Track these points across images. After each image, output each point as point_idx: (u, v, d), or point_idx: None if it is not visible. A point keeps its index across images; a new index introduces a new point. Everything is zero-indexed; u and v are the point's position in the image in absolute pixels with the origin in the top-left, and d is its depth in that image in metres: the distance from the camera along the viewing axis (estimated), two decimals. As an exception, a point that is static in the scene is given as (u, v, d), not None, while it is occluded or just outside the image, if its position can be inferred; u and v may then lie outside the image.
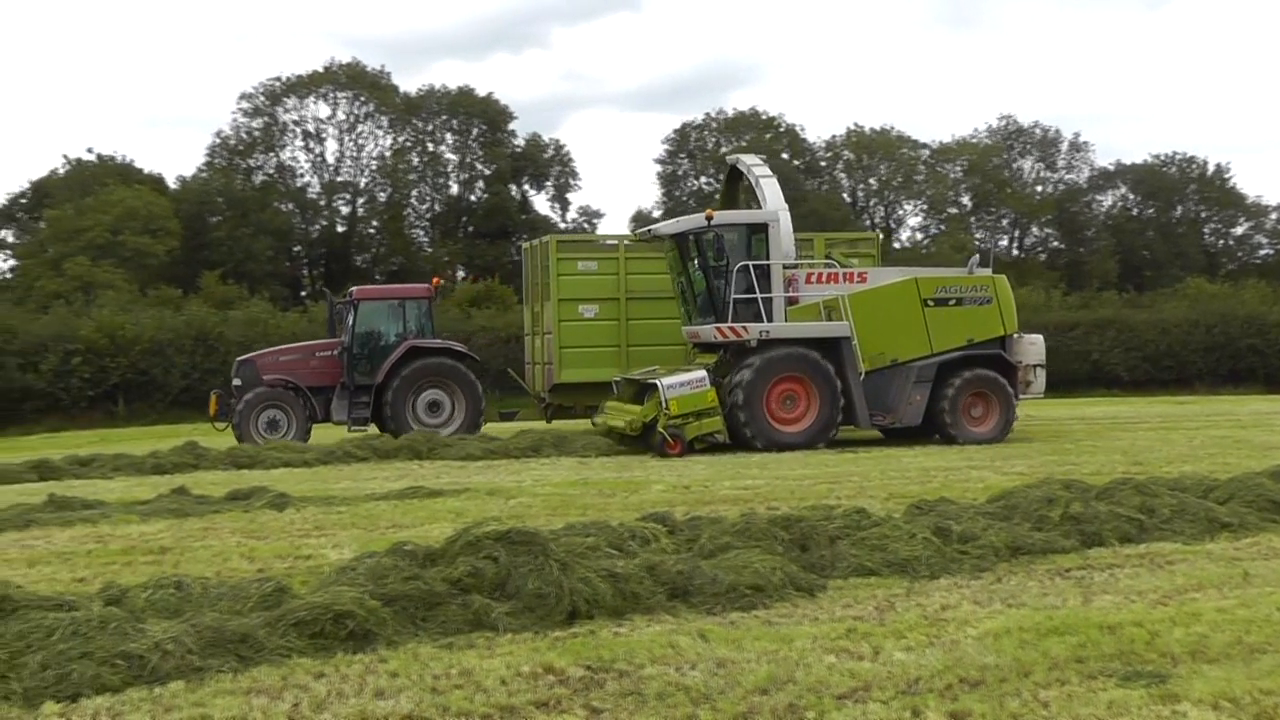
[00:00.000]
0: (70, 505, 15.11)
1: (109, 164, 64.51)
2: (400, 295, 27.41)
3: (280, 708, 6.49)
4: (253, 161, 69.20)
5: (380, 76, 70.02)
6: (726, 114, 73.21)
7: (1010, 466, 17.88)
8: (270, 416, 25.26)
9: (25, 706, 6.60)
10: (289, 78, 69.00)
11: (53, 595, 8.39)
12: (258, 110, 68.88)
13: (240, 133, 68.86)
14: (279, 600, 8.07)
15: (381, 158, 69.57)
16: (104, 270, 50.47)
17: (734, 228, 23.30)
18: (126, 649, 7.10)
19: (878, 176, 74.51)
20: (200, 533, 12.84)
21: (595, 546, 9.60)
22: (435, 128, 71.23)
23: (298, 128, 69.48)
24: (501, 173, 70.01)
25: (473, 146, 71.35)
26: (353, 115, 69.48)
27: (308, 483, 17.40)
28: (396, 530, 12.40)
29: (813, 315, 22.81)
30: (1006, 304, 23.45)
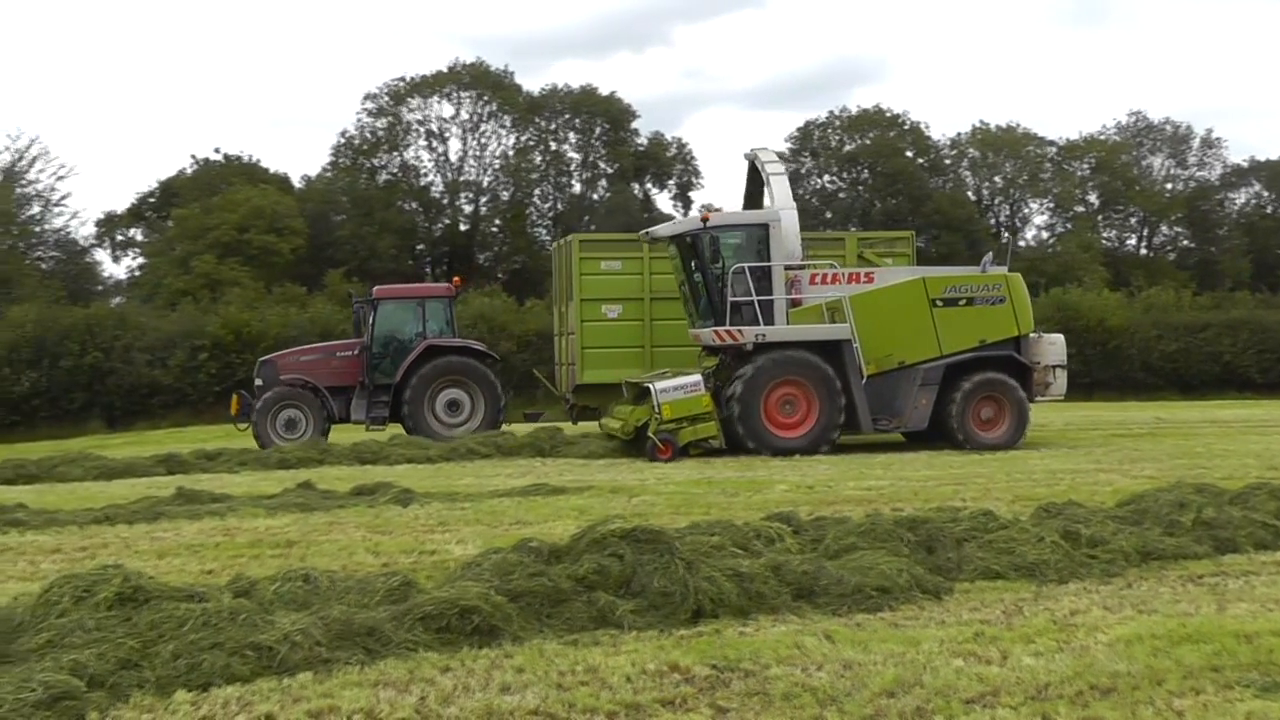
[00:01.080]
0: (198, 499, 15.39)
1: (235, 164, 65.64)
2: (420, 295, 27.59)
3: (407, 701, 6.53)
4: (377, 161, 69.96)
5: (503, 76, 70.46)
6: (850, 112, 72.61)
7: (1139, 470, 17.52)
8: (288, 416, 25.42)
9: (158, 694, 6.71)
10: (413, 78, 69.71)
11: (183, 586, 8.52)
12: (382, 110, 69.65)
13: (365, 132, 69.68)
14: (405, 594, 8.14)
15: (504, 156, 70.01)
16: (230, 268, 51.36)
17: (731, 229, 22.88)
18: (256, 640, 7.20)
19: (1003, 174, 73.43)
20: (326, 527, 13.00)
21: (720, 546, 9.56)
22: (558, 127, 71.54)
23: (421, 127, 70.15)
24: (624, 171, 70.17)
25: (595, 145, 71.60)
26: (476, 115, 70.01)
27: (431, 479, 17.54)
28: (520, 527, 12.45)
29: (815, 317, 22.21)
30: (1021, 303, 22.61)
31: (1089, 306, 47.27)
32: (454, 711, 6.37)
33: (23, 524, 13.82)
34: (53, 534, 13.19)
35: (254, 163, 66.50)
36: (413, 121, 70.06)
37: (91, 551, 11.93)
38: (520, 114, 70.31)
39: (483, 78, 69.73)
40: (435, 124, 70.09)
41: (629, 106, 71.93)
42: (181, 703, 6.58)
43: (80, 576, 8.33)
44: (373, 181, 68.32)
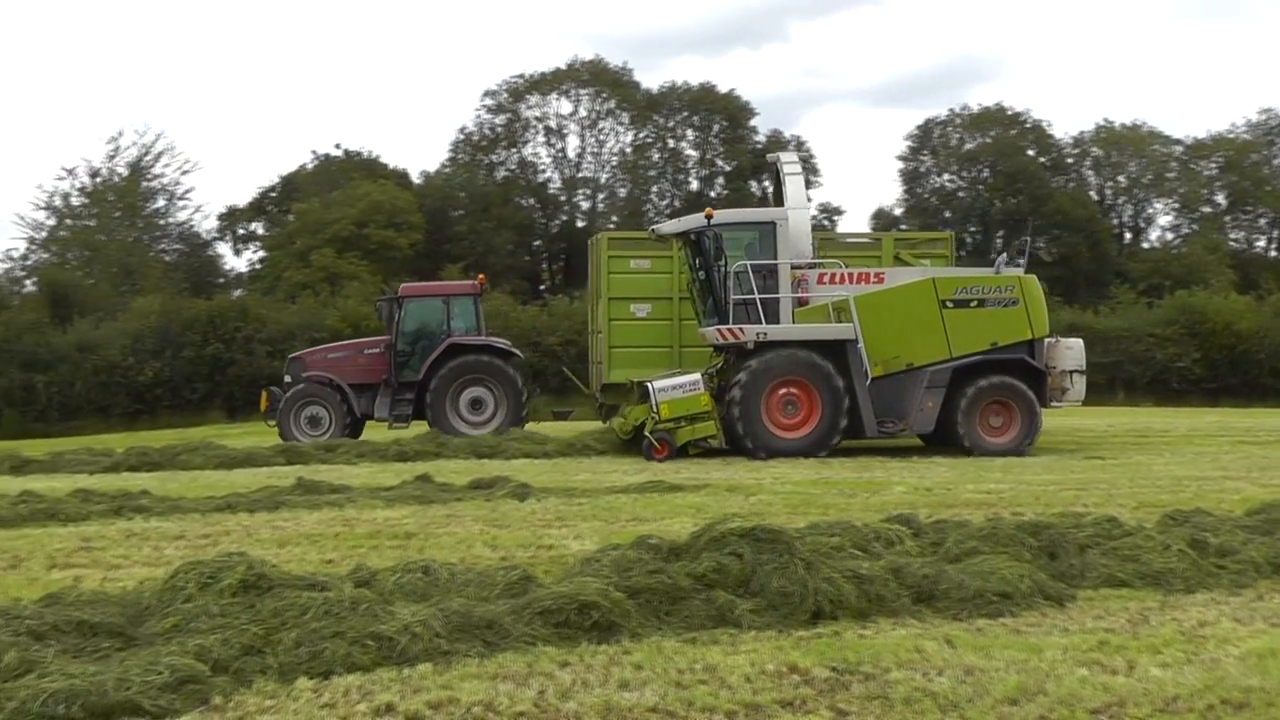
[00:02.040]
0: (318, 489, 15.62)
1: (355, 159, 66.41)
2: (446, 292, 27.60)
3: (526, 694, 6.54)
4: (495, 157, 70.46)
5: (622, 73, 70.64)
6: (970, 109, 71.85)
7: (1269, 478, 17.05)
8: (311, 413, 25.75)
9: (280, 681, 6.78)
10: (532, 75, 70.15)
11: (305, 575, 8.63)
12: (501, 107, 70.13)
13: (484, 129, 70.21)
14: (525, 588, 8.17)
15: (622, 153, 70.21)
16: (349, 262, 51.96)
17: (736, 227, 22.65)
18: (377, 630, 7.25)
19: (1127, 174, 72.19)
20: (444, 520, 13.09)
21: (840, 547, 9.49)
22: (676, 124, 71.54)
23: (540, 124, 70.55)
24: (742, 169, 69.96)
25: (713, 143, 71.47)
26: (594, 111, 70.26)
27: (548, 474, 17.63)
28: (637, 524, 12.45)
29: (821, 317, 21.83)
30: (1035, 305, 21.92)
31: (1215, 310, 46.36)
32: (573, 706, 6.37)
33: (147, 510, 14.14)
34: (176, 521, 13.46)
35: (374, 158, 67.26)
36: (531, 118, 70.49)
37: (214, 539, 12.14)
38: (638, 111, 70.43)
39: (601, 75, 69.97)
40: (554, 121, 70.49)
41: (747, 104, 71.77)
42: (303, 690, 6.64)
43: (205, 563, 8.48)
44: (491, 178, 68.79)
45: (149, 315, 42.58)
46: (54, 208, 58.50)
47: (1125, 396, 43.38)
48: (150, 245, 59.57)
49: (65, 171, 66.12)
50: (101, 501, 14.77)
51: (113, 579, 10.03)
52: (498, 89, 70.43)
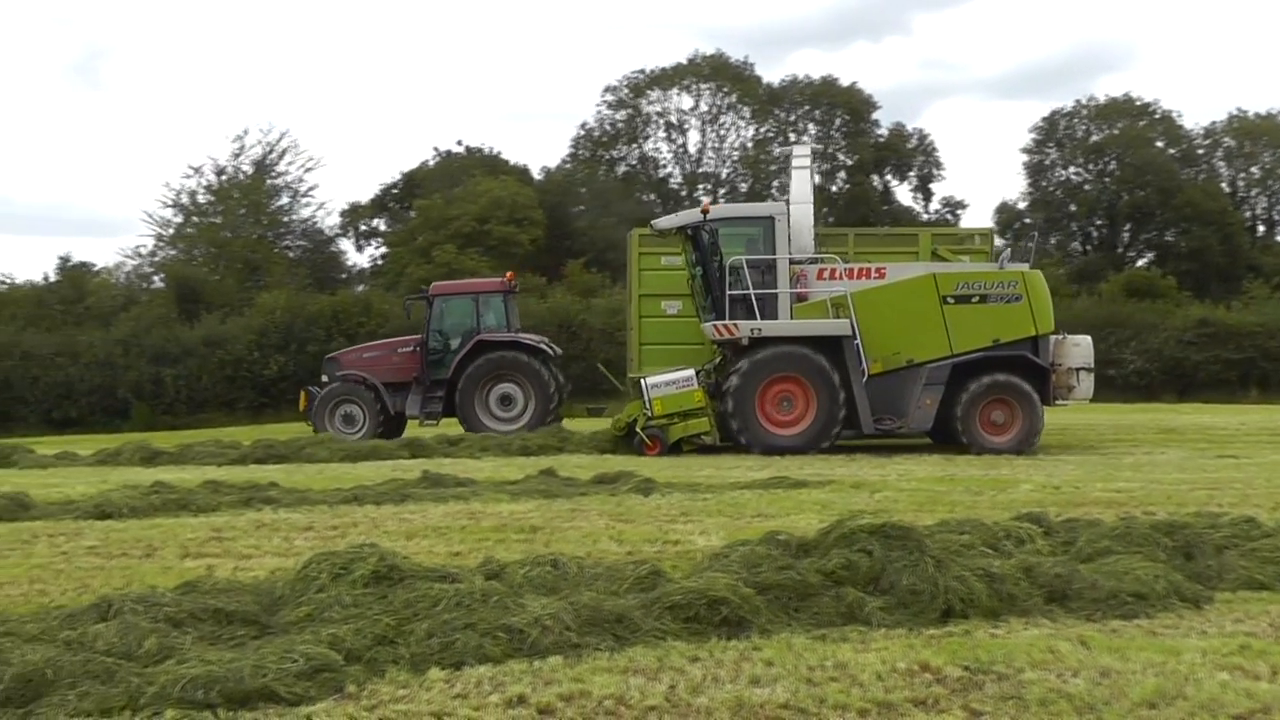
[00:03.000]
0: (443, 482, 15.74)
1: (477, 155, 66.97)
2: (475, 290, 27.71)
3: (657, 688, 6.53)
4: (616, 153, 70.73)
5: (743, 68, 70.57)
6: (1097, 100, 70.66)
7: None
8: (345, 412, 26.07)
9: (412, 671, 6.83)
10: (653, 70, 70.34)
11: (435, 567, 8.70)
12: (622, 103, 70.41)
13: (604, 125, 70.50)
14: (654, 583, 8.16)
15: (743, 148, 70.10)
16: (470, 258, 52.32)
17: (733, 222, 22.41)
18: (507, 622, 7.29)
19: (1261, 165, 70.60)
20: (569, 514, 13.13)
21: (970, 545, 9.37)
22: (798, 118, 71.31)
23: (661, 119, 70.73)
24: (863, 163, 69.60)
25: (835, 136, 71.12)
26: (715, 106, 70.30)
27: (672, 469, 17.62)
28: (763, 519, 12.39)
29: (820, 312, 21.52)
30: (1039, 302, 21.52)
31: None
32: (704, 701, 6.34)
33: (275, 502, 14.36)
34: (304, 512, 13.64)
35: (495, 155, 67.80)
36: (652, 113, 70.71)
37: (342, 530, 12.28)
38: (759, 105, 70.33)
39: (722, 69, 69.96)
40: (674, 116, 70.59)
41: (869, 97, 71.46)
42: (435, 680, 6.69)
43: (337, 554, 8.59)
44: (611, 173, 69.10)
45: (274, 311, 43.25)
46: (181, 205, 59.64)
47: (1259, 393, 42.39)
48: (275, 242, 60.49)
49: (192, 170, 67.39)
50: (231, 493, 15.03)
51: (244, 568, 10.19)
52: (619, 85, 70.83)
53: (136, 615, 7.47)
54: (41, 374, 42.17)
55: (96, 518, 13.41)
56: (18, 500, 14.31)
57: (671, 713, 6.22)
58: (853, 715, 6.21)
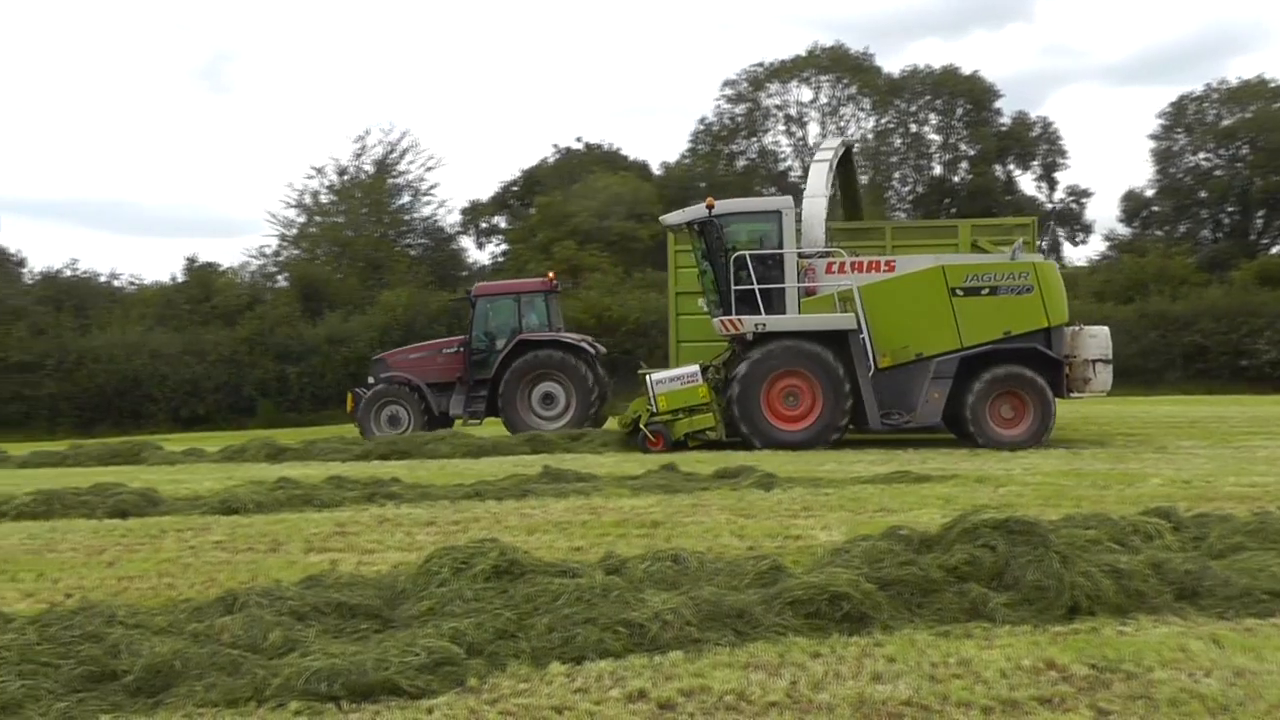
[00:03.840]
0: (564, 478, 15.80)
1: (596, 152, 67.16)
2: (517, 290, 27.98)
3: (778, 684, 6.48)
4: (735, 147, 70.51)
5: (863, 59, 70.03)
6: (1229, 83, 68.92)
7: None
8: (390, 413, 26.52)
9: (533, 665, 6.85)
10: (771, 63, 70.00)
11: (556, 562, 8.73)
12: (741, 96, 70.23)
13: (723, 119, 70.31)
14: (775, 578, 8.11)
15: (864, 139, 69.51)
16: (590, 254, 52.47)
17: (739, 217, 22.20)
18: (628, 617, 7.29)
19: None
20: (690, 509, 13.09)
21: (1096, 540, 9.16)
22: (918, 108, 70.59)
23: (780, 112, 70.41)
24: (986, 153, 68.69)
25: (956, 126, 70.31)
26: (835, 98, 69.88)
27: (793, 464, 17.51)
28: (885, 514, 12.26)
29: (828, 306, 21.33)
30: (1052, 293, 21.06)
31: None
32: (825, 698, 6.28)
33: (398, 497, 14.51)
34: (426, 507, 13.76)
35: (614, 151, 67.97)
36: (771, 106, 70.41)
37: (464, 525, 12.36)
38: (879, 96, 69.76)
39: (841, 60, 69.52)
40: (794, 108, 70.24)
41: (991, 86, 70.44)
42: (556, 674, 6.70)
43: (459, 549, 8.66)
44: (731, 167, 68.90)
45: (395, 308, 43.76)
46: (304, 205, 60.50)
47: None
48: (396, 240, 61.08)
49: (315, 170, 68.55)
50: (354, 488, 15.22)
51: (367, 563, 10.29)
52: (737, 78, 70.66)
53: (261, 609, 7.59)
54: (169, 372, 43.13)
55: (223, 513, 13.67)
56: (147, 496, 14.65)
57: (793, 709, 6.16)
58: (976, 713, 6.10)
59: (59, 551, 11.57)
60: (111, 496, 14.60)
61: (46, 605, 8.57)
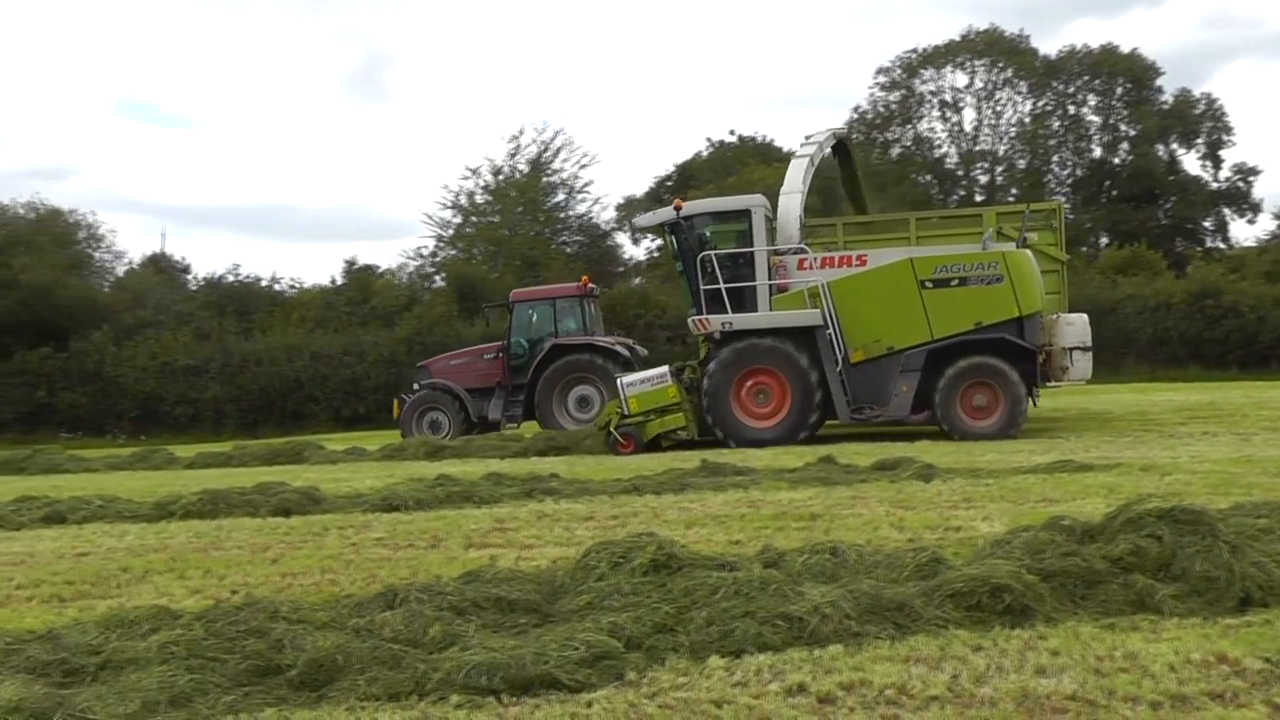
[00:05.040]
0: (722, 471, 15.82)
1: (750, 144, 66.99)
2: (552, 295, 28.60)
3: (939, 678, 6.37)
4: (889, 134, 69.87)
5: (1018, 41, 68.93)
6: None
7: None
8: (432, 418, 27.17)
9: (692, 659, 6.83)
10: (925, 49, 69.28)
11: (713, 556, 8.70)
12: (894, 83, 69.64)
13: (877, 107, 69.71)
14: (934, 570, 7.99)
15: (1020, 123, 68.49)
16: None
17: (706, 217, 22.48)
18: (786, 610, 7.23)
19: None
20: (849, 501, 12.99)
21: (1268, 529, 8.84)
22: (1076, 89, 69.24)
23: (935, 98, 69.65)
24: (1147, 132, 67.13)
25: (1116, 106, 68.82)
26: (990, 82, 68.87)
27: (953, 455, 17.30)
28: (1047, 504, 12.01)
29: (799, 303, 21.45)
30: (1023, 282, 20.80)
31: None
32: (988, 691, 6.16)
33: (556, 493, 14.63)
34: (584, 502, 13.85)
35: (768, 143, 67.77)
36: (925, 93, 69.68)
37: (622, 520, 12.41)
38: (1036, 79, 68.63)
39: (997, 44, 68.52)
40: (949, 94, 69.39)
41: (1152, 63, 68.82)
42: (715, 668, 6.67)
43: (616, 543, 8.67)
44: (885, 155, 68.30)
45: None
46: (459, 206, 61.24)
47: None
48: (551, 238, 61.55)
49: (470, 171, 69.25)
50: (513, 484, 15.36)
51: (526, 558, 10.37)
52: (891, 65, 70.08)
53: (422, 604, 7.69)
54: (330, 373, 44.06)
55: (384, 510, 13.91)
56: (309, 494, 14.96)
57: (954, 703, 6.06)
58: (1144, 708, 5.92)
59: (225, 549, 11.85)
60: (275, 495, 14.95)
61: (213, 601, 8.77)
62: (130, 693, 6.25)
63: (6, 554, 12.37)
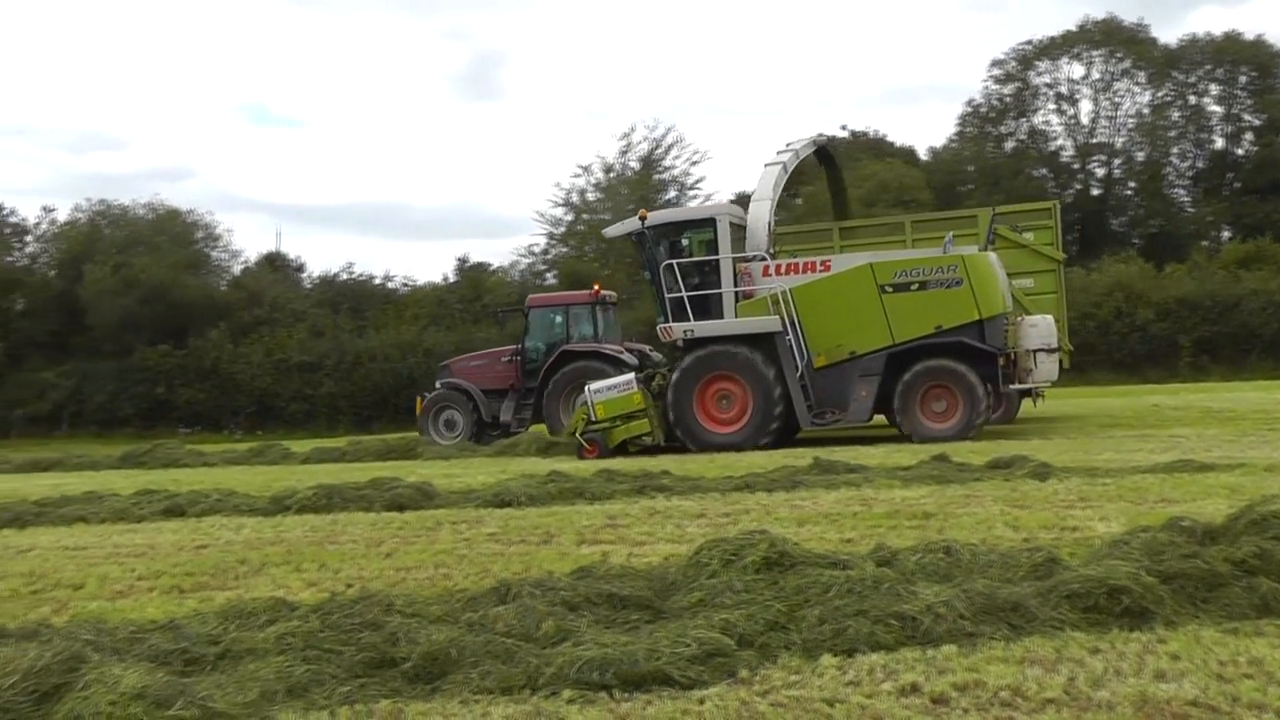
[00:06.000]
0: (834, 469, 15.76)
1: (861, 139, 66.67)
2: (565, 302, 29.28)
3: (1055, 680, 6.26)
4: (1004, 128, 69.08)
5: (1137, 30, 67.78)
6: None
7: None
8: (447, 417, 28.02)
9: (805, 657, 6.78)
10: (1040, 40, 68.41)
11: (826, 553, 8.65)
12: (1009, 76, 68.81)
13: (991, 100, 68.95)
14: (1050, 571, 7.87)
15: (1139, 115, 67.36)
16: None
17: (670, 227, 22.66)
18: (899, 609, 7.16)
19: None
20: (962, 499, 12.84)
21: (1400, 530, 8.65)
22: (1198, 79, 67.91)
23: (1050, 90, 68.74)
24: (1274, 121, 65.64)
25: (1240, 96, 67.38)
26: (1108, 73, 67.81)
27: (1069, 453, 17.05)
28: (1166, 505, 11.77)
29: (762, 310, 21.75)
30: (983, 285, 20.94)
31: None
32: (1105, 695, 6.04)
33: (668, 489, 14.63)
34: (696, 499, 13.82)
35: (880, 137, 67.41)
36: (1041, 85, 68.75)
37: (734, 517, 12.37)
38: (1156, 69, 67.41)
39: (1114, 34, 67.44)
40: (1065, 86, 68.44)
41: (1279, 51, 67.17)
42: (828, 666, 6.62)
43: (728, 540, 8.67)
44: (1000, 149, 67.56)
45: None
46: (571, 204, 61.49)
47: None
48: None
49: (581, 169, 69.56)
50: (625, 481, 15.38)
51: (638, 554, 10.37)
52: (1005, 57, 69.19)
53: (534, 599, 7.73)
54: (460, 370, 44.47)
55: (496, 506, 14.02)
56: (422, 490, 15.13)
57: (1071, 706, 5.95)
58: (1270, 716, 5.75)
59: (339, 543, 12.00)
60: (389, 490, 15.14)
61: (328, 594, 8.86)
62: (249, 682, 6.36)
63: (128, 546, 12.64)
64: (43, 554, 12.39)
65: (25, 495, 17.87)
